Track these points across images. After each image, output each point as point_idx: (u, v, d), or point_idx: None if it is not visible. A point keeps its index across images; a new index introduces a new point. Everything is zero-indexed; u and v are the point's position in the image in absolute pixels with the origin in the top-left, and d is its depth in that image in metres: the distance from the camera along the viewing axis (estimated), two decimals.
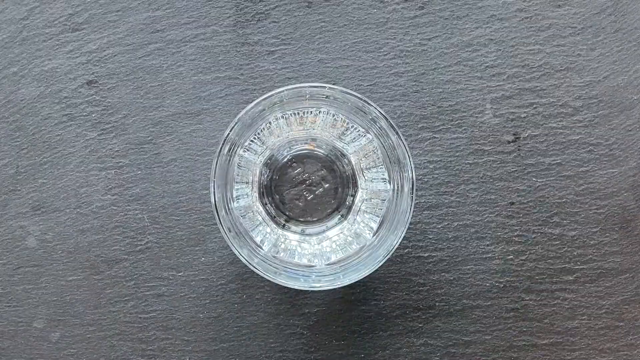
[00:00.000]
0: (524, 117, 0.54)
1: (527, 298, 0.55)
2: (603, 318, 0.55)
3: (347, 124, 0.52)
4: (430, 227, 0.55)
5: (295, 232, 0.53)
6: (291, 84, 0.50)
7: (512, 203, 0.55)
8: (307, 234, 0.53)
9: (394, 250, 0.49)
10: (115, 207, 0.55)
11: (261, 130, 0.52)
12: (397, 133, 0.50)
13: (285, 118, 0.52)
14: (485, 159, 0.55)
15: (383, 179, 0.52)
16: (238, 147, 0.51)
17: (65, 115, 0.56)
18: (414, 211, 0.49)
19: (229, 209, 0.51)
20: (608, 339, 0.54)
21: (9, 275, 0.56)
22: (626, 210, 0.55)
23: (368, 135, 0.52)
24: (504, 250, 0.55)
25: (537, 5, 0.55)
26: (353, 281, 0.49)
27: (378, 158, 0.52)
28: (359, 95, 0.49)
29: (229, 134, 0.49)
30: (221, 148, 0.49)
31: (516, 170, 0.55)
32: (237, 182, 0.52)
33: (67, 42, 0.56)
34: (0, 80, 0.56)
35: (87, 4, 0.56)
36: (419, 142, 0.55)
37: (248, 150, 0.52)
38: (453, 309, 0.55)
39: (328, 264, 0.52)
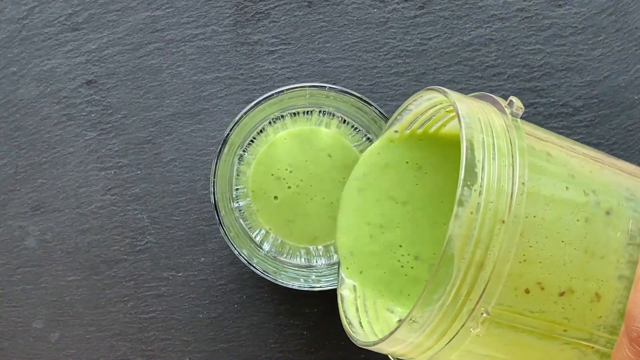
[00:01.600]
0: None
1: None
2: None
3: (348, 124, 0.52)
4: None
5: None
6: (291, 84, 0.50)
7: None
8: None
9: None
10: (115, 207, 0.55)
11: (261, 130, 0.52)
12: None
13: (285, 118, 0.52)
14: None
15: None
16: (238, 147, 0.51)
17: (65, 115, 0.56)
18: None
19: (229, 209, 0.51)
20: None
21: (8, 276, 0.56)
22: None
23: (368, 135, 0.52)
24: None
25: (537, 5, 0.55)
26: None
27: None
28: (359, 95, 0.49)
29: (229, 134, 0.49)
30: (221, 148, 0.49)
31: None
32: (237, 182, 0.52)
33: (67, 41, 0.56)
34: (0, 79, 0.56)
35: (87, 3, 0.56)
36: None
37: (248, 150, 0.52)
38: None
39: (328, 264, 0.52)
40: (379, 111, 0.50)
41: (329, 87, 0.49)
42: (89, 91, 0.56)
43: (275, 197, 0.51)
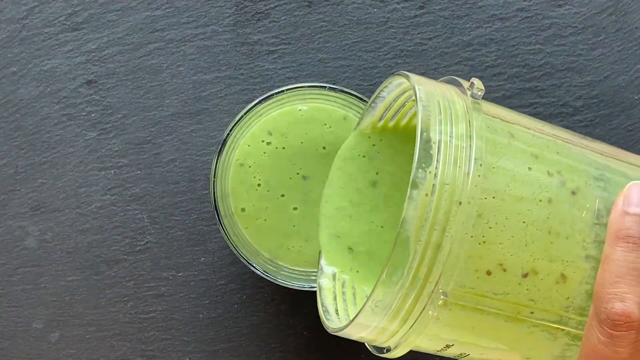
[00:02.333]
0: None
1: None
2: None
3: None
4: None
5: None
6: (291, 84, 0.50)
7: None
8: None
9: None
10: (114, 207, 0.55)
11: None
12: None
13: None
14: None
15: None
16: (238, 147, 0.51)
17: (65, 115, 0.56)
18: None
19: (229, 208, 0.51)
20: None
21: (8, 276, 0.56)
22: None
23: None
24: None
25: (537, 5, 0.55)
26: None
27: None
28: (359, 95, 0.49)
29: (229, 134, 0.49)
30: (221, 148, 0.49)
31: None
32: None
33: (67, 41, 0.56)
34: (0, 79, 0.56)
35: (87, 3, 0.56)
36: None
37: None
38: None
39: None
40: None
41: (329, 87, 0.49)
42: (89, 91, 0.56)
43: (243, 209, 0.51)
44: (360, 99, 0.49)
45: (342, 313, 0.45)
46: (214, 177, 0.49)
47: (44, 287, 0.56)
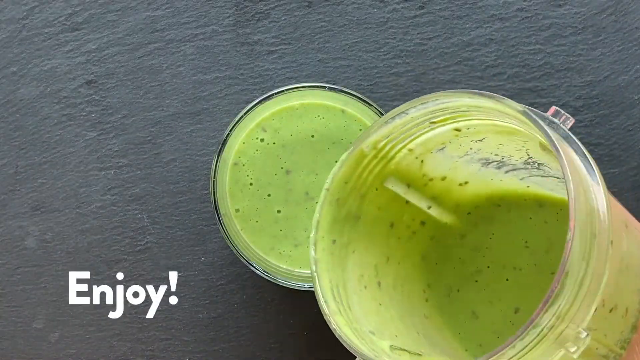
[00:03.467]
0: None
1: None
2: None
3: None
4: None
5: None
6: (291, 84, 0.50)
7: None
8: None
9: None
10: (115, 207, 0.55)
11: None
12: None
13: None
14: None
15: None
16: (236, 146, 0.51)
17: (65, 115, 0.56)
18: None
19: (228, 209, 0.51)
20: None
21: (8, 276, 0.56)
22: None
23: None
24: None
25: (537, 5, 0.55)
26: None
27: None
28: (359, 95, 0.49)
29: (228, 134, 0.49)
30: (221, 148, 0.49)
31: None
32: None
33: (67, 41, 0.56)
34: (0, 79, 0.56)
35: (87, 3, 0.56)
36: None
37: None
38: None
39: None
40: (379, 111, 0.49)
41: (329, 87, 0.49)
42: (89, 91, 0.56)
43: (237, 210, 0.51)
44: (360, 98, 0.49)
45: (365, 347, 0.44)
46: (214, 177, 0.49)
47: (44, 287, 0.56)
